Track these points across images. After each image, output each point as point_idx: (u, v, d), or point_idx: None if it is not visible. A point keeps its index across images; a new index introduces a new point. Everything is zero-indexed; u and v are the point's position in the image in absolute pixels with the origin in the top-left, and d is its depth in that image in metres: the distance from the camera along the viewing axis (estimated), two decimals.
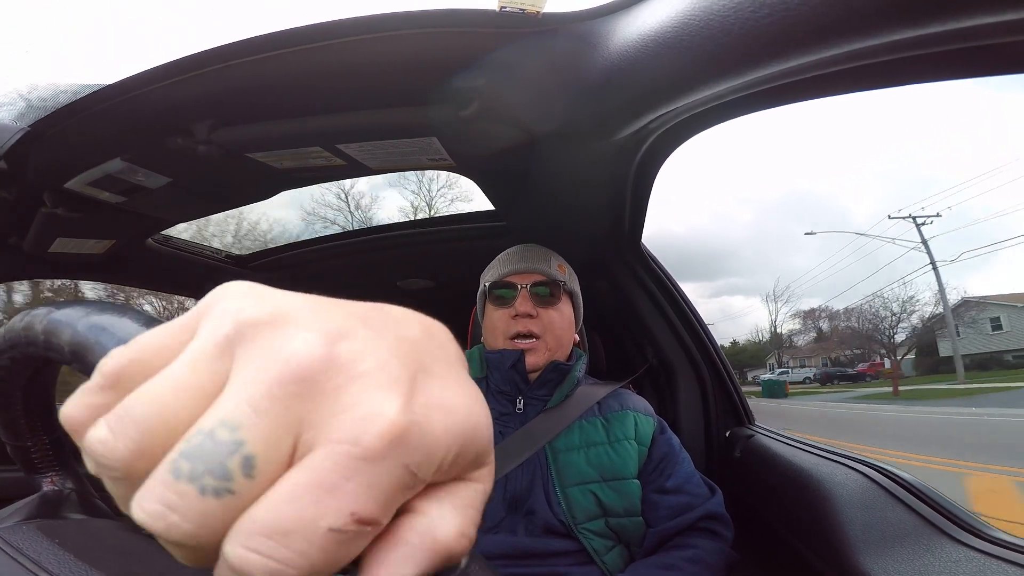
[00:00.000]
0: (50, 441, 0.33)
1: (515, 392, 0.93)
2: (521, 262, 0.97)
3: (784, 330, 49.95)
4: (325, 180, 1.06)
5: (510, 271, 0.96)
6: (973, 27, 0.36)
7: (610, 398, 0.96)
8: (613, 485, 0.84)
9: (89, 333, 0.25)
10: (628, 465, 0.87)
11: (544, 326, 0.93)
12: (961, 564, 0.58)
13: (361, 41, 0.63)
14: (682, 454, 0.93)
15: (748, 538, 1.09)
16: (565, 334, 0.96)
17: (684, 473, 0.89)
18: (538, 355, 0.92)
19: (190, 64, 0.68)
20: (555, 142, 0.83)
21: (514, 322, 0.92)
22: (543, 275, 0.95)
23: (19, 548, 0.27)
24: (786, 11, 0.39)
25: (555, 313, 0.94)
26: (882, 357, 31.97)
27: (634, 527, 0.84)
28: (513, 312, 0.92)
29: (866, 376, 31.15)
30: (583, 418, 0.91)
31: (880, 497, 0.71)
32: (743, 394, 1.37)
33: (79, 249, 1.18)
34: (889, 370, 28.37)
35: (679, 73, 0.52)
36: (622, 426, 0.91)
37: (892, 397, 18.88)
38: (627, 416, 0.92)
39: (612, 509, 0.83)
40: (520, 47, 0.64)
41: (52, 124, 0.77)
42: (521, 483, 0.84)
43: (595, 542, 0.82)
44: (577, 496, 0.83)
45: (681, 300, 1.43)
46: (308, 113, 0.79)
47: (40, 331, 0.27)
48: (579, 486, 0.84)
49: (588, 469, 0.85)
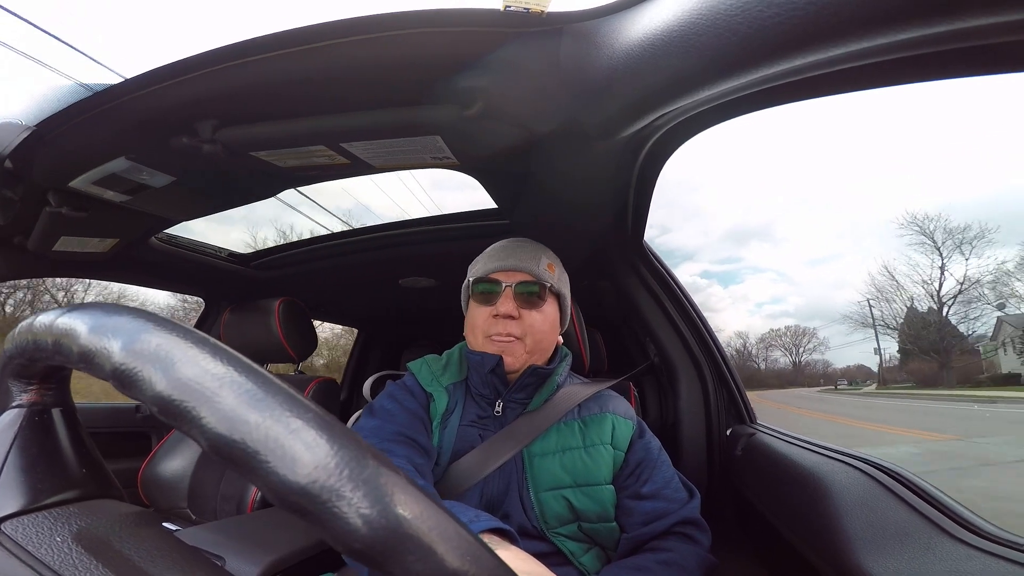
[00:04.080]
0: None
1: (494, 395, 0.91)
2: (508, 259, 0.93)
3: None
4: (329, 179, 1.06)
5: (496, 267, 0.92)
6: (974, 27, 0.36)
7: (591, 400, 0.94)
8: (586, 491, 0.84)
9: (96, 336, 0.25)
10: (602, 470, 0.86)
11: (525, 328, 0.89)
12: (962, 562, 0.58)
13: (365, 40, 0.64)
14: (661, 457, 0.91)
15: (749, 536, 1.09)
16: (546, 336, 0.93)
17: (662, 478, 0.87)
18: (515, 356, 0.89)
19: (194, 64, 0.68)
20: (558, 140, 0.83)
21: (494, 322, 0.89)
22: (529, 275, 0.91)
23: (22, 545, 0.27)
24: (794, 11, 0.39)
25: (538, 315, 0.91)
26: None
27: (607, 532, 0.84)
28: (494, 311, 0.89)
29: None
30: (561, 421, 0.89)
31: (881, 495, 0.71)
32: (744, 392, 1.37)
33: (83, 248, 1.18)
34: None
35: (684, 72, 0.52)
36: (599, 430, 0.89)
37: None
38: (605, 419, 0.91)
39: (584, 514, 0.83)
40: (524, 46, 0.64)
41: (57, 124, 0.77)
42: (497, 487, 0.84)
43: (570, 545, 0.82)
44: (549, 501, 0.82)
45: (684, 299, 1.43)
46: (312, 112, 0.79)
47: (48, 337, 0.27)
48: (552, 491, 0.83)
49: (562, 474, 0.84)
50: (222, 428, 0.21)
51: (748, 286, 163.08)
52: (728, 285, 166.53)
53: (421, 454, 0.82)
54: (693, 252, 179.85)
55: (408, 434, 0.83)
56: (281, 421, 0.21)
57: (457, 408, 0.91)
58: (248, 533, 0.94)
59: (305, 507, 0.20)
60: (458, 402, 0.92)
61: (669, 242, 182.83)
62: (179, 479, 1.42)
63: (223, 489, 1.35)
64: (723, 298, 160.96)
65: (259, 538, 0.91)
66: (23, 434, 0.32)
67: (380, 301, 2.20)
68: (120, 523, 0.31)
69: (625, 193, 1.05)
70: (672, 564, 0.75)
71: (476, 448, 0.86)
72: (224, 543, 0.88)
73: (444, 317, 2.38)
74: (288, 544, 0.90)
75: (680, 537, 0.81)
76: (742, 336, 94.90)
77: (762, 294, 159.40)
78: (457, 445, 0.87)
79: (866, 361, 62.13)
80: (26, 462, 0.31)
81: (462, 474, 0.83)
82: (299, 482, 0.20)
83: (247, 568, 0.83)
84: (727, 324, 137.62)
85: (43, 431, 0.33)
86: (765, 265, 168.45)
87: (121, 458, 1.63)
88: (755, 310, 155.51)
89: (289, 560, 0.88)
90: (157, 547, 0.30)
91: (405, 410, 0.88)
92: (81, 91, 0.74)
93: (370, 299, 2.17)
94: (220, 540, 0.89)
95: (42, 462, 0.32)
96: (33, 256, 1.13)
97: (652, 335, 1.46)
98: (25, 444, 0.32)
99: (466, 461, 0.84)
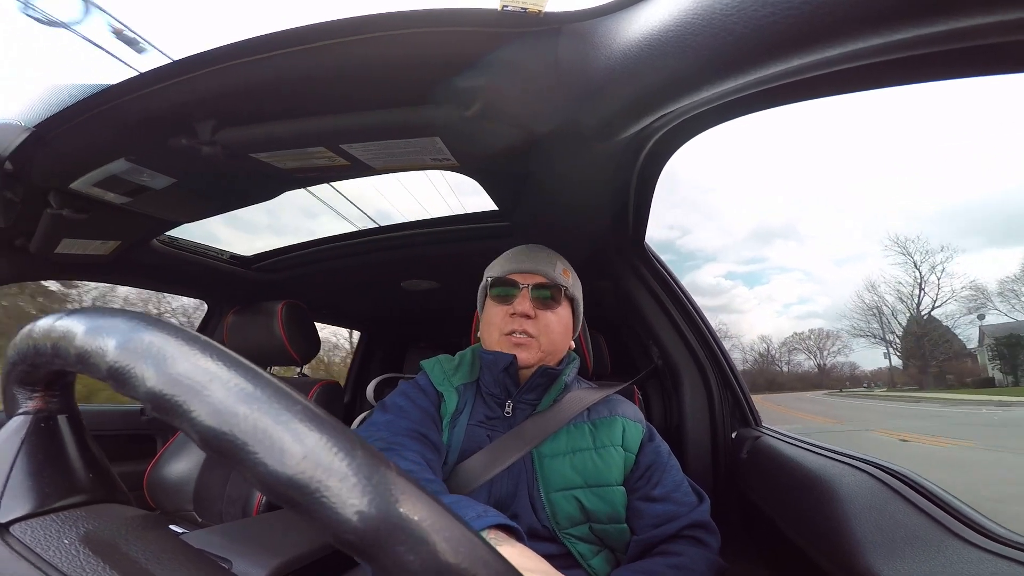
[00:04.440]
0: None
1: (504, 395, 0.92)
2: (526, 261, 0.96)
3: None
4: (329, 180, 1.06)
5: (514, 269, 0.95)
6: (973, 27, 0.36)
7: (600, 404, 0.95)
8: (597, 491, 0.83)
9: (91, 337, 0.26)
10: (613, 472, 0.86)
11: (540, 328, 0.92)
12: (972, 566, 0.57)
13: (364, 41, 0.63)
14: (671, 461, 0.91)
15: (755, 540, 1.08)
16: (560, 339, 0.95)
17: (672, 482, 0.87)
18: (530, 352, 0.91)
19: (193, 65, 0.68)
20: (558, 141, 0.82)
21: (511, 320, 0.92)
22: (546, 277, 0.94)
23: (31, 547, 0.27)
24: (789, 10, 0.39)
25: (553, 316, 0.93)
26: None
27: (618, 534, 0.83)
28: (511, 310, 0.92)
29: None
30: (571, 423, 0.90)
31: (889, 498, 0.70)
32: (749, 395, 1.36)
33: (85, 250, 1.19)
34: None
35: (682, 72, 0.52)
36: (609, 432, 0.90)
37: None
38: (615, 422, 0.91)
39: (595, 515, 0.82)
40: (522, 46, 0.63)
41: (57, 125, 0.78)
42: (506, 487, 0.84)
43: (580, 547, 0.82)
44: (561, 501, 0.82)
45: (686, 301, 1.42)
46: (311, 113, 0.79)
47: (47, 341, 0.28)
48: (563, 491, 0.83)
49: (573, 475, 0.84)
50: (212, 421, 0.21)
51: (774, 286, 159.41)
52: (753, 286, 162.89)
53: (432, 450, 0.83)
54: (716, 253, 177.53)
55: (420, 430, 0.84)
56: (269, 413, 0.21)
57: (466, 408, 0.92)
58: (254, 536, 0.94)
59: (295, 498, 0.20)
60: (468, 402, 0.92)
61: (690, 243, 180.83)
62: (184, 482, 1.42)
63: (229, 491, 1.35)
64: (748, 299, 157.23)
65: (265, 541, 0.91)
66: (30, 440, 0.32)
67: (382, 303, 2.20)
68: (127, 526, 0.31)
69: (625, 194, 1.04)
70: (683, 568, 0.75)
71: (484, 448, 0.86)
72: (230, 546, 0.88)
73: (446, 318, 2.38)
74: (295, 547, 0.89)
75: (690, 541, 0.80)
76: (765, 340, 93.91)
77: (789, 294, 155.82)
78: (465, 445, 0.87)
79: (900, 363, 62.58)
80: (33, 467, 0.32)
81: (470, 474, 0.83)
82: (287, 473, 0.20)
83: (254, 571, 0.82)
84: (753, 327, 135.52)
85: (49, 437, 0.34)
86: (791, 264, 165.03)
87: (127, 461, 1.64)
88: (782, 311, 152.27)
89: (296, 563, 0.87)
90: (164, 550, 0.30)
91: (417, 407, 0.89)
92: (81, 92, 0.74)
93: (372, 301, 2.17)
94: (226, 543, 0.89)
95: (49, 467, 0.32)
96: (35, 259, 1.14)
97: (655, 338, 1.46)
98: (32, 450, 0.32)
99: (474, 461, 0.85)
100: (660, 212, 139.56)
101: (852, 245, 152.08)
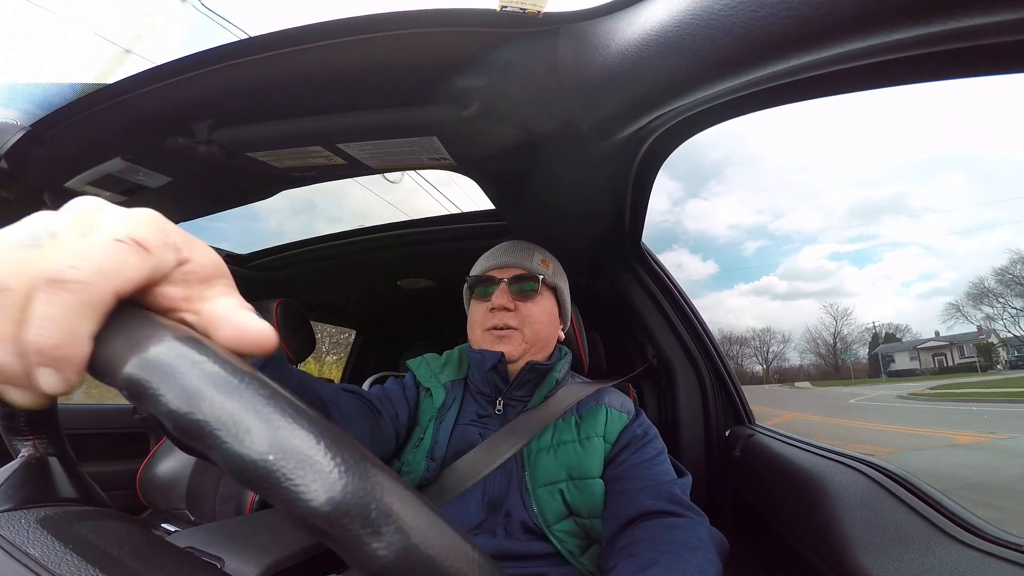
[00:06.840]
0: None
1: (494, 393, 0.91)
2: (502, 257, 0.96)
3: None
4: (326, 179, 1.06)
5: (492, 265, 0.96)
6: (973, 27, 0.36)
7: (591, 396, 0.94)
8: (578, 484, 0.82)
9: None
10: (595, 463, 0.84)
11: (522, 319, 0.91)
12: (962, 564, 0.58)
13: (362, 41, 0.63)
14: (655, 443, 0.88)
15: (747, 537, 1.09)
16: (544, 328, 0.94)
17: (646, 459, 0.84)
18: (514, 344, 0.90)
19: (190, 64, 0.68)
20: (556, 141, 0.83)
21: (491, 315, 0.91)
22: (523, 268, 0.94)
23: (20, 547, 0.27)
24: (787, 11, 0.39)
25: (534, 307, 0.93)
26: None
27: (601, 528, 0.81)
28: (491, 305, 0.92)
29: None
30: (560, 417, 0.89)
31: (880, 496, 0.71)
32: (743, 393, 1.37)
33: None
34: None
35: (680, 72, 0.52)
36: (593, 422, 0.89)
37: None
38: (600, 411, 0.90)
39: (577, 509, 0.81)
40: (521, 47, 0.63)
41: (53, 124, 0.77)
42: (499, 485, 0.84)
43: (568, 543, 0.81)
44: (546, 496, 0.82)
45: (681, 299, 1.43)
46: (309, 112, 0.79)
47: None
48: (547, 486, 0.83)
49: (557, 468, 0.84)
50: (182, 405, 0.20)
51: (888, 264, 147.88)
52: (864, 266, 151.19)
53: (360, 400, 0.81)
54: (815, 234, 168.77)
55: (364, 395, 0.84)
56: (235, 396, 0.20)
57: (454, 405, 0.91)
58: (247, 534, 0.94)
59: (261, 482, 0.19)
60: (456, 399, 0.92)
61: (785, 226, 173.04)
62: (177, 480, 1.41)
63: (221, 490, 1.35)
64: (859, 280, 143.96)
65: (258, 539, 0.91)
66: (19, 472, 0.33)
67: (378, 302, 2.20)
68: (113, 526, 0.31)
69: (623, 194, 1.05)
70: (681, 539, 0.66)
71: (478, 446, 0.86)
72: (222, 544, 0.88)
73: (442, 318, 2.38)
74: (287, 545, 0.89)
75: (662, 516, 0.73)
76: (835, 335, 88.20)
77: (907, 271, 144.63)
78: (456, 444, 0.87)
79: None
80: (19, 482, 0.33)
81: (463, 472, 0.83)
82: (252, 457, 0.19)
83: (246, 569, 0.82)
84: (867, 311, 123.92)
85: (40, 470, 0.34)
86: (905, 239, 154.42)
87: (120, 459, 1.63)
88: (901, 290, 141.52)
89: (288, 561, 0.87)
90: (151, 548, 0.30)
91: (384, 391, 0.90)
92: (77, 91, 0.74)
93: (368, 300, 2.16)
94: (218, 541, 0.89)
95: (37, 491, 0.33)
96: None
97: (650, 336, 1.46)
98: (20, 481, 0.33)
99: (467, 459, 0.84)
100: (744, 198, 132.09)
101: (977, 213, 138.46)
